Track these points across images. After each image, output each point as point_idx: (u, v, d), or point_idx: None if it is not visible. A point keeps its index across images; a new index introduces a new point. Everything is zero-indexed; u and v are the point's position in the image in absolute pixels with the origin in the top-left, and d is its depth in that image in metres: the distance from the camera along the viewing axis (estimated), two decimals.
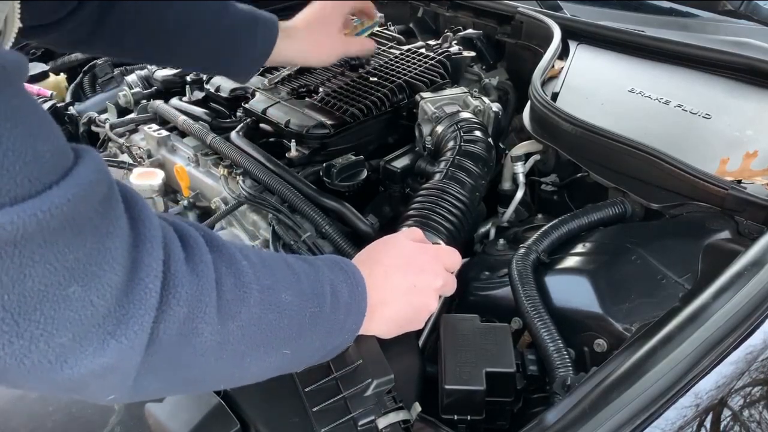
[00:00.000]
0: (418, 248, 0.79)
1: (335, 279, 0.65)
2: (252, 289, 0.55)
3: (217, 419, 0.71)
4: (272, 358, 0.60)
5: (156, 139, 1.29)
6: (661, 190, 0.93)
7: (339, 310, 0.64)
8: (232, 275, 0.54)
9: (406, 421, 0.72)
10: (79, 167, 0.42)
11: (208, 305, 0.50)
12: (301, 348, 0.62)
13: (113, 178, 0.46)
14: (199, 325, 0.50)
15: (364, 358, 0.73)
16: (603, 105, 1.13)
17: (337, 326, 0.65)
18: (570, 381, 0.73)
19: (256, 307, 0.55)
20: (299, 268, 0.62)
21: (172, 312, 0.48)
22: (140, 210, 0.48)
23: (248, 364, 0.58)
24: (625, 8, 1.66)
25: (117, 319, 0.44)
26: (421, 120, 1.18)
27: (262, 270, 0.57)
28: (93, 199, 0.43)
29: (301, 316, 0.60)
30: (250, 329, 0.55)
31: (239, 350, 0.55)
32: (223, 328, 0.52)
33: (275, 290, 0.58)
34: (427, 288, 0.76)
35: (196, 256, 0.51)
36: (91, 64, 1.69)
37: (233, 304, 0.53)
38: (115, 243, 0.44)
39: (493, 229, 1.15)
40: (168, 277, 0.48)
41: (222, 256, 0.54)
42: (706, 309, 0.68)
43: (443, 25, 1.60)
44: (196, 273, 0.50)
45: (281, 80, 1.31)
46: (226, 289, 0.53)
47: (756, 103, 1.08)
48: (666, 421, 0.61)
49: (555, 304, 0.85)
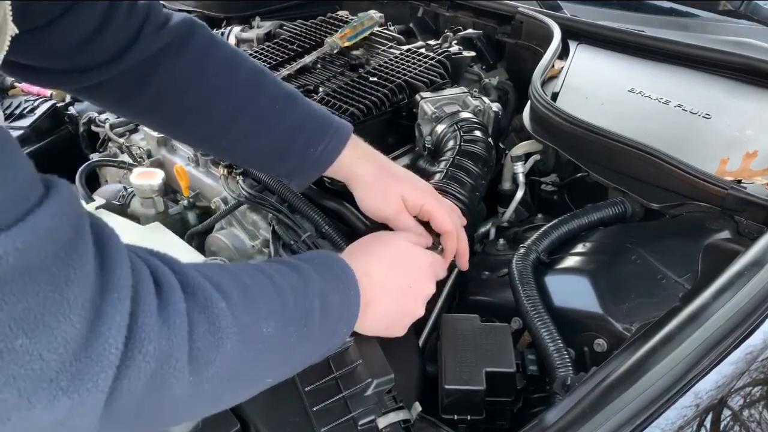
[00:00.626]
0: (418, 252, 0.78)
1: (326, 287, 0.62)
2: (229, 334, 0.51)
3: (217, 419, 0.71)
4: (254, 389, 0.58)
5: (156, 139, 1.28)
6: (661, 190, 0.93)
7: (329, 319, 0.62)
8: (206, 321, 0.50)
9: (406, 421, 0.72)
10: (38, 211, 0.39)
11: (178, 360, 0.47)
12: (287, 368, 0.61)
13: (84, 218, 0.43)
14: (169, 380, 0.47)
15: (364, 358, 0.73)
16: (603, 105, 1.13)
17: (327, 335, 0.63)
18: (570, 381, 0.73)
19: (234, 351, 0.52)
20: (287, 285, 0.59)
21: (136, 368, 0.44)
22: (113, 253, 0.45)
23: (226, 401, 0.56)
24: (625, 8, 1.66)
25: (72, 374, 0.41)
26: (421, 120, 1.18)
27: (243, 306, 0.54)
28: (51, 247, 0.39)
29: (286, 344, 0.57)
30: (227, 372, 0.52)
31: (216, 393, 0.53)
32: (196, 378, 0.49)
33: (256, 325, 0.54)
34: (420, 293, 0.76)
35: (170, 305, 0.47)
36: None
37: (207, 353, 0.50)
38: (75, 292, 0.41)
39: (493, 229, 1.15)
40: (134, 331, 0.44)
41: (197, 300, 0.50)
42: (706, 309, 0.68)
43: (443, 25, 1.60)
44: (168, 324, 0.47)
45: (281, 80, 1.31)
46: (198, 337, 0.49)
47: (756, 103, 1.08)
48: (666, 421, 0.61)
49: (555, 304, 0.85)
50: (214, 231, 1.16)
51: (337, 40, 1.35)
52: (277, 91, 0.84)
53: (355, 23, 1.40)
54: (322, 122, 0.84)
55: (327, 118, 0.85)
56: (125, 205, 1.20)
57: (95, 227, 0.45)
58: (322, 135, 0.83)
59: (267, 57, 1.40)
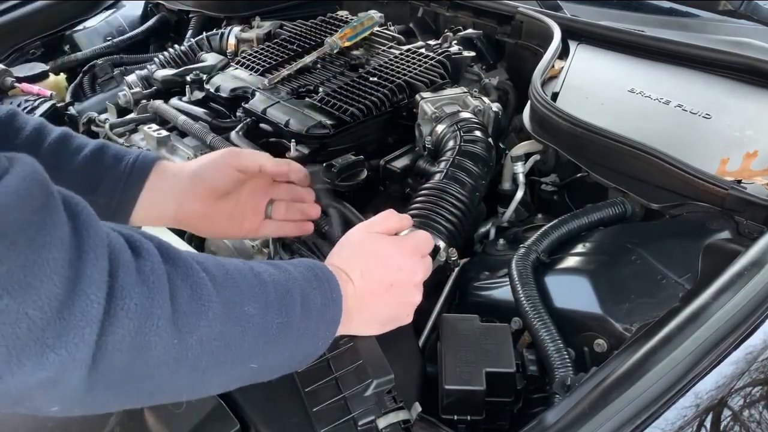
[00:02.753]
0: (393, 245, 0.75)
1: (307, 286, 0.63)
2: (212, 302, 0.53)
3: (217, 419, 0.71)
4: (237, 372, 0.58)
5: (156, 139, 1.28)
6: (661, 190, 0.93)
7: (310, 319, 0.62)
8: (189, 287, 0.52)
9: (406, 421, 0.72)
10: (8, 176, 0.41)
11: (160, 318, 0.48)
12: (269, 359, 0.60)
13: (51, 184, 0.45)
14: (152, 338, 0.48)
15: (364, 358, 0.73)
16: (603, 105, 1.13)
17: (308, 335, 0.63)
18: (570, 381, 0.73)
19: (216, 320, 0.53)
20: (267, 277, 0.60)
21: (119, 324, 0.46)
22: (85, 219, 0.46)
23: (210, 377, 0.56)
24: (625, 8, 1.66)
25: (57, 331, 0.43)
26: (421, 120, 1.18)
27: (224, 282, 0.55)
28: (25, 209, 0.41)
29: (267, 329, 0.58)
30: (211, 344, 0.53)
31: (199, 365, 0.53)
32: (180, 342, 0.50)
33: (238, 303, 0.55)
34: (407, 284, 0.74)
35: (148, 266, 0.49)
36: (90, 64, 1.69)
37: (191, 318, 0.51)
38: (53, 254, 0.42)
39: (493, 229, 1.15)
40: (115, 288, 0.46)
41: (177, 267, 0.52)
42: (706, 309, 0.68)
43: (443, 25, 1.60)
44: (147, 284, 0.48)
45: (281, 80, 1.31)
46: (182, 301, 0.51)
47: (756, 103, 1.08)
48: (666, 422, 0.61)
49: (555, 304, 0.85)
50: None
51: (337, 40, 1.35)
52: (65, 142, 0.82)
53: (355, 23, 1.40)
54: (119, 155, 0.83)
55: (125, 151, 0.85)
56: None
57: (65, 196, 0.46)
58: (119, 166, 0.82)
59: (267, 57, 1.40)
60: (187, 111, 1.33)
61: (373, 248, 0.74)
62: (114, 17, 1.91)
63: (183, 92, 1.42)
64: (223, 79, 1.36)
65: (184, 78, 1.42)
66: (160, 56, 1.58)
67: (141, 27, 1.88)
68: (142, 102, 1.43)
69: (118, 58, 1.73)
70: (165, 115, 1.34)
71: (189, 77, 1.41)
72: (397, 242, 0.76)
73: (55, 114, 1.53)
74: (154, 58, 1.60)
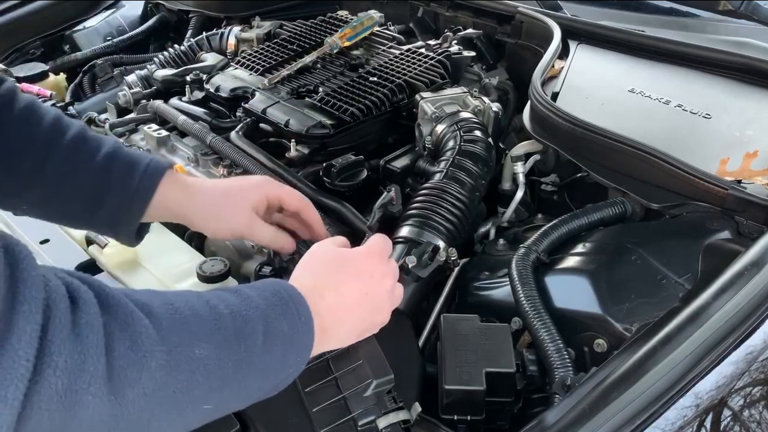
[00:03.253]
0: (360, 253, 0.74)
1: (271, 313, 0.60)
2: (154, 352, 0.49)
3: (217, 419, 0.71)
4: (190, 416, 0.55)
5: (156, 139, 1.28)
6: (661, 190, 0.93)
7: (275, 347, 0.59)
8: (128, 338, 0.48)
9: (406, 421, 0.72)
10: None
11: (93, 375, 0.45)
12: (228, 397, 0.58)
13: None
14: (84, 397, 0.45)
15: (364, 358, 0.73)
16: (603, 105, 1.13)
17: (274, 364, 0.60)
18: (570, 381, 0.73)
19: (160, 371, 0.50)
20: (225, 309, 0.57)
21: (46, 383, 0.43)
22: (24, 268, 0.44)
23: (157, 427, 0.52)
24: (625, 8, 1.66)
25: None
26: (421, 120, 1.18)
27: (171, 326, 0.52)
28: None
29: (222, 368, 0.55)
30: (154, 395, 0.50)
31: (143, 417, 0.50)
32: (117, 398, 0.47)
33: (187, 347, 0.52)
34: (380, 291, 0.73)
35: (83, 319, 0.46)
36: (90, 64, 1.69)
37: (129, 371, 0.48)
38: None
39: (493, 229, 1.15)
40: (45, 344, 0.43)
41: (116, 317, 0.49)
42: (706, 309, 0.68)
43: (443, 25, 1.60)
44: (81, 338, 0.45)
45: (281, 80, 1.31)
46: (119, 354, 0.47)
47: (756, 103, 1.08)
48: (666, 422, 0.61)
49: (555, 304, 0.85)
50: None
51: (337, 40, 1.35)
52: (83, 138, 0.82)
53: (355, 23, 1.40)
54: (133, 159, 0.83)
55: (140, 155, 0.84)
56: None
57: (7, 243, 0.44)
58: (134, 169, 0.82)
59: (267, 57, 1.40)
60: (187, 111, 1.33)
61: (343, 259, 0.73)
62: (114, 17, 1.92)
63: (183, 92, 1.42)
64: (223, 79, 1.36)
65: (184, 78, 1.42)
66: (160, 56, 1.58)
67: (141, 27, 1.88)
68: (142, 102, 1.44)
69: (118, 58, 1.73)
70: (165, 115, 1.34)
71: (189, 77, 1.41)
72: (362, 250, 0.75)
73: None
74: (154, 58, 1.61)
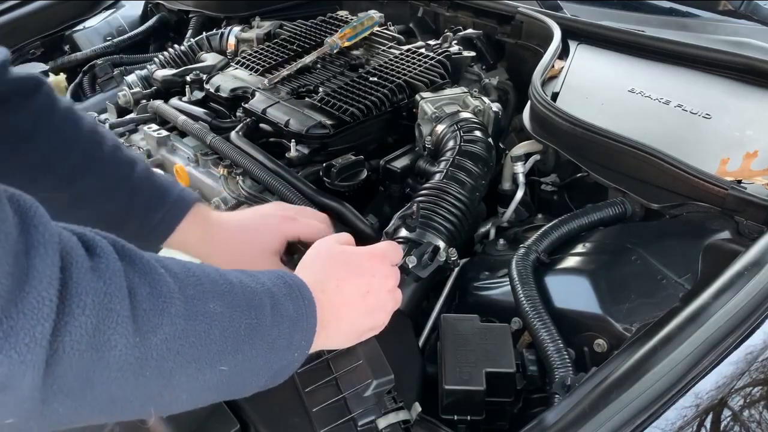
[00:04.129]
0: (364, 252, 0.74)
1: (277, 292, 0.60)
2: (173, 299, 0.50)
3: (217, 419, 0.71)
4: (207, 376, 0.55)
5: (156, 139, 1.28)
6: (661, 190, 0.93)
7: (282, 324, 0.59)
8: (147, 284, 0.49)
9: (406, 422, 0.72)
10: None
11: (120, 314, 0.46)
12: (241, 364, 0.57)
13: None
14: (112, 336, 0.45)
15: (364, 358, 0.73)
16: (603, 105, 1.13)
17: (282, 341, 0.60)
18: (570, 381, 0.73)
19: (179, 317, 0.50)
20: (234, 278, 0.58)
21: (76, 322, 0.43)
22: (33, 215, 0.44)
23: (178, 383, 0.52)
24: (625, 8, 1.66)
25: (4, 332, 0.40)
26: (421, 120, 1.18)
27: (186, 279, 0.53)
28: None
29: (236, 328, 0.55)
30: (175, 343, 0.50)
31: (165, 367, 0.50)
32: (142, 341, 0.48)
33: (202, 300, 0.53)
34: (381, 291, 0.72)
35: (102, 263, 0.47)
36: (90, 64, 1.69)
37: (152, 315, 0.49)
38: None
39: (493, 229, 1.15)
40: (69, 285, 0.44)
41: (134, 265, 0.50)
42: (706, 309, 0.68)
43: (443, 25, 1.60)
44: (103, 280, 0.46)
45: (281, 80, 1.31)
46: (141, 298, 0.48)
47: (756, 103, 1.08)
48: (666, 422, 0.61)
49: (555, 304, 0.85)
50: None
51: (337, 40, 1.35)
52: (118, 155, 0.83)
53: (355, 23, 1.40)
54: (161, 189, 0.83)
55: (169, 186, 0.84)
56: None
57: (12, 193, 0.44)
58: (161, 202, 0.82)
59: (267, 57, 1.40)
60: (187, 111, 1.33)
61: (346, 257, 0.73)
62: (114, 17, 1.92)
63: (183, 92, 1.42)
64: (223, 79, 1.36)
65: (184, 78, 1.42)
66: (160, 56, 1.58)
67: (141, 27, 1.89)
68: (142, 102, 1.44)
69: (118, 58, 1.74)
70: (165, 115, 1.34)
71: (189, 77, 1.41)
72: (367, 249, 0.75)
73: None
74: (154, 58, 1.61)
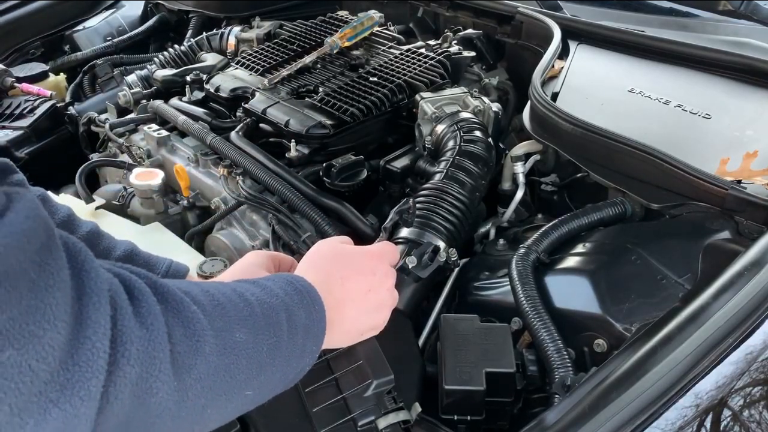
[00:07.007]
0: (363, 250, 0.75)
1: (290, 302, 0.61)
2: (206, 336, 0.50)
3: None
4: (234, 403, 0.55)
5: (156, 139, 1.29)
6: (661, 190, 0.93)
7: (297, 335, 0.60)
8: (182, 325, 0.49)
9: (406, 422, 0.72)
10: (10, 214, 0.38)
11: (162, 361, 0.46)
12: (263, 384, 0.58)
13: (51, 221, 0.42)
14: (154, 384, 0.45)
15: (364, 358, 0.73)
16: (603, 105, 1.13)
17: (297, 351, 0.61)
18: (570, 381, 0.73)
19: (212, 354, 0.51)
20: (252, 297, 0.58)
21: (122, 373, 0.43)
22: (84, 260, 0.43)
23: (210, 416, 0.53)
24: (625, 8, 1.66)
25: (61, 384, 0.39)
26: (421, 120, 1.18)
27: (213, 311, 0.53)
28: (29, 249, 0.38)
29: (259, 352, 0.56)
30: (208, 380, 0.50)
31: (199, 404, 0.50)
32: (179, 384, 0.48)
33: (229, 331, 0.53)
34: (382, 289, 0.73)
35: (144, 308, 0.46)
36: (90, 64, 1.69)
37: (186, 357, 0.48)
38: (57, 298, 0.39)
39: (493, 229, 1.15)
40: (116, 334, 0.43)
41: (169, 305, 0.49)
42: (706, 309, 0.68)
43: (443, 25, 1.60)
44: (146, 327, 0.45)
45: (281, 80, 1.31)
46: (177, 340, 0.48)
47: (756, 103, 1.08)
48: (666, 422, 0.61)
49: (555, 304, 0.85)
50: (214, 231, 1.16)
51: (337, 40, 1.35)
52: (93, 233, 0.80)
53: (355, 23, 1.40)
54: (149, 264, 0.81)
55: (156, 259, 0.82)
56: (125, 205, 1.20)
57: (62, 235, 0.44)
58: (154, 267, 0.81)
59: (267, 57, 1.40)
60: (187, 111, 1.33)
61: (346, 256, 0.73)
62: (114, 17, 1.92)
63: (183, 92, 1.42)
64: (223, 79, 1.36)
65: (184, 78, 1.42)
66: (160, 56, 1.58)
67: (141, 27, 1.89)
68: (142, 102, 1.44)
69: (118, 58, 1.74)
70: (165, 115, 1.34)
71: (189, 77, 1.41)
72: (365, 248, 0.75)
73: (55, 114, 1.54)
74: (154, 58, 1.61)
